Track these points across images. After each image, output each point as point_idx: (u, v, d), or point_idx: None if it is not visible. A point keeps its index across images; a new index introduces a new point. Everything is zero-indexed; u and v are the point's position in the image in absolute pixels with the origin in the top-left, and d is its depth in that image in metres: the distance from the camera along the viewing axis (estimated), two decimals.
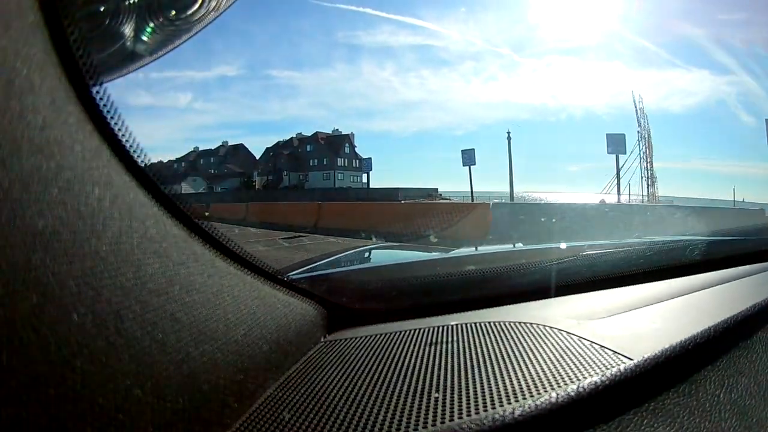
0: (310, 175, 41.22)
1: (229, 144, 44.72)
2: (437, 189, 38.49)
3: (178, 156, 44.45)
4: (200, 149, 44.77)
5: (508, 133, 22.89)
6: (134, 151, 0.34)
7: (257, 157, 43.99)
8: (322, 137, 42.59)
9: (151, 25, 0.37)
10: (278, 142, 43.87)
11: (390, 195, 25.69)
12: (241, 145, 45.36)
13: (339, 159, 42.14)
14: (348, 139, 43.13)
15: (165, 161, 44.60)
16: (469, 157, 17.67)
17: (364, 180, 43.78)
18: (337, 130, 43.53)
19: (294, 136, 43.65)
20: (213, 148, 44.50)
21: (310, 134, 43.02)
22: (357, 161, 43.25)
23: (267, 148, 44.08)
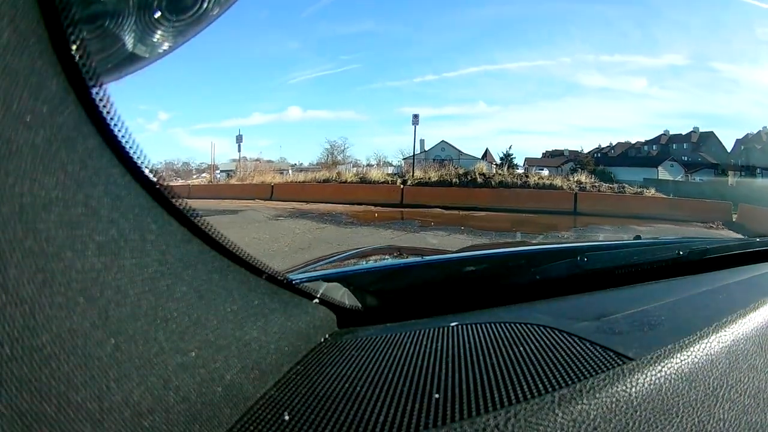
0: None
1: (701, 131, 44.07)
2: None
3: (647, 139, 44.33)
4: (670, 133, 44.58)
5: None
6: (134, 152, 0.33)
7: (728, 149, 43.65)
8: None
9: (152, 25, 0.37)
10: (747, 134, 42.38)
11: None
12: (712, 133, 42.22)
13: None
14: None
15: (633, 142, 45.25)
16: None
17: None
18: None
19: (761, 129, 42.44)
20: (684, 133, 44.08)
21: None
22: None
23: (737, 140, 41.66)
